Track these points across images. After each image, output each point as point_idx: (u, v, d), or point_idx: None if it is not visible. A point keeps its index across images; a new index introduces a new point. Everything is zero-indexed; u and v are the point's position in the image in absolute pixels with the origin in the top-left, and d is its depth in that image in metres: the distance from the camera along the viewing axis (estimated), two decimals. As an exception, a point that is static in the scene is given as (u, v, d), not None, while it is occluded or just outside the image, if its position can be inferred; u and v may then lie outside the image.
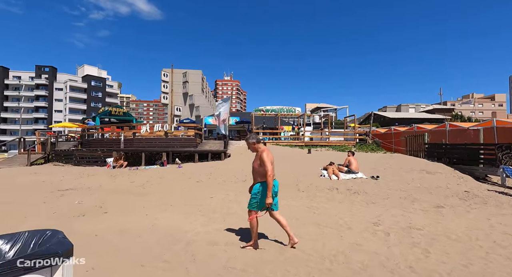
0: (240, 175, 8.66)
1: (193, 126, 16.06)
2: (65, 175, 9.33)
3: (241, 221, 4.43)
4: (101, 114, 20.18)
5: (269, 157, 3.16)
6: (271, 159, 3.19)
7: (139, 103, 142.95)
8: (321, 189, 6.99)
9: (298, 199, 6.10)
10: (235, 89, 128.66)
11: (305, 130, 18.44)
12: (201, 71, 63.09)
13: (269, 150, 3.35)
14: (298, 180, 7.91)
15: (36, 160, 14.45)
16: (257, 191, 3.26)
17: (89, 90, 66.73)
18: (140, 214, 4.70)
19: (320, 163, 10.06)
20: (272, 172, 3.11)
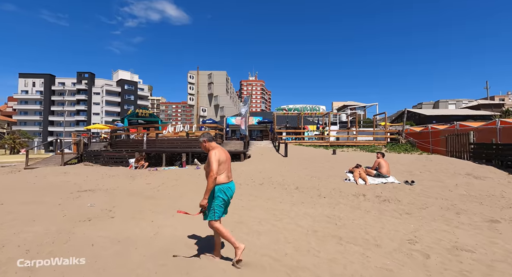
0: (257, 177, 8.19)
1: (214, 126, 15.95)
2: (89, 176, 9.62)
3: (249, 234, 3.96)
4: (129, 115, 21.04)
5: (217, 156, 2.83)
6: (220, 158, 2.84)
7: (168, 105, 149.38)
8: (345, 195, 6.26)
9: (318, 206, 5.47)
10: (260, 89, 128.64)
11: (330, 129, 17.42)
12: (226, 72, 63.79)
13: (222, 149, 3.02)
14: (320, 184, 7.23)
15: (69, 160, 15.35)
16: (210, 196, 2.86)
17: (123, 94, 71.00)
18: (146, 220, 4.45)
19: (346, 165, 9.23)
20: (216, 173, 2.75)
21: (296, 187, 7.02)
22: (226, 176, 2.91)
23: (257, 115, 31.35)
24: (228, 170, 2.97)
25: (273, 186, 7.26)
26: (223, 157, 2.91)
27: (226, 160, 2.96)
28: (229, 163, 3.01)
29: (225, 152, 3.02)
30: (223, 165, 2.88)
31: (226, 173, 2.92)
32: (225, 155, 2.97)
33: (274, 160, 11.17)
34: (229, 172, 2.97)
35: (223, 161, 2.89)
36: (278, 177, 8.10)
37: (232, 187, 2.98)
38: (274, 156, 12.34)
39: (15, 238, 3.49)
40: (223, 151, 2.99)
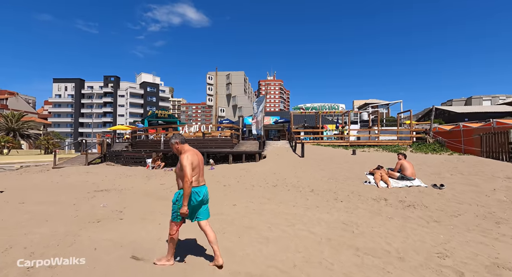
0: (271, 179, 7.90)
1: (230, 126, 15.89)
2: (108, 175, 9.88)
3: (258, 240, 3.70)
4: (149, 116, 21.63)
5: (190, 159, 2.74)
6: (193, 162, 2.76)
7: (188, 105, 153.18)
8: (364, 199, 5.79)
9: (334, 211, 5.08)
10: (278, 88, 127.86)
11: (349, 128, 16.68)
12: (243, 72, 64.02)
13: (195, 152, 2.91)
14: (337, 186, 6.79)
15: (93, 160, 16.03)
16: (175, 199, 2.82)
17: (145, 96, 73.77)
18: (154, 223, 4.35)
19: (366, 167, 8.68)
20: (191, 177, 2.66)
21: (311, 190, 6.65)
22: (196, 180, 2.83)
23: (275, 115, 31.00)
24: (200, 174, 2.90)
25: (287, 188, 6.94)
26: (196, 161, 2.83)
27: (199, 163, 2.88)
28: (201, 167, 2.93)
29: (198, 155, 2.94)
30: (196, 169, 2.81)
31: (196, 177, 2.83)
32: (198, 158, 2.90)
33: (289, 161, 10.81)
34: (200, 176, 2.89)
35: (196, 165, 2.82)
36: (292, 179, 7.77)
37: (202, 192, 2.86)
38: (290, 156, 11.97)
39: (23, 239, 3.51)
40: (195, 154, 2.90)
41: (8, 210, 5.15)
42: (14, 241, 3.42)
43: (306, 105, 17.70)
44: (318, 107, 17.53)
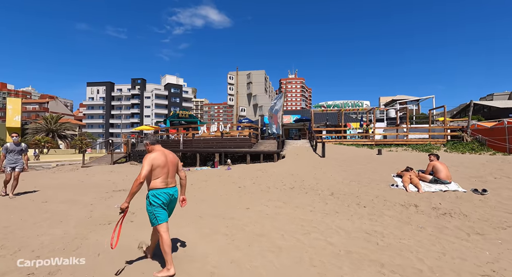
0: (288, 180, 7.52)
1: (249, 125, 15.68)
2: (129, 175, 10.12)
3: (269, 250, 3.39)
4: (170, 117, 22.15)
5: (152, 160, 2.70)
6: (155, 162, 2.72)
7: (211, 105, 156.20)
8: (391, 204, 5.23)
9: (356, 218, 4.61)
10: (300, 86, 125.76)
11: (374, 126, 15.67)
12: (264, 71, 63.70)
13: (163, 153, 2.87)
14: (360, 190, 6.25)
15: (118, 159, 16.70)
16: (148, 203, 2.76)
17: (169, 97, 76.32)
18: (163, 226, 4.21)
19: (393, 168, 7.98)
20: (143, 178, 2.59)
21: (331, 193, 6.18)
22: (163, 182, 2.76)
23: (296, 113, 30.34)
24: (169, 176, 2.83)
25: (304, 190, 6.53)
26: (161, 162, 2.76)
27: (166, 165, 2.81)
28: (170, 168, 2.86)
29: (167, 157, 2.88)
30: (159, 169, 2.74)
31: (163, 178, 2.76)
32: (165, 160, 2.82)
33: (309, 161, 10.32)
34: (169, 178, 2.82)
35: (160, 166, 2.74)
36: (311, 181, 7.33)
37: (170, 192, 2.80)
38: (310, 156, 11.46)
39: (34, 241, 3.53)
40: (163, 155, 2.84)
41: (31, 209, 5.34)
42: (25, 243, 3.44)
43: (327, 103, 16.97)
44: (340, 104, 16.71)
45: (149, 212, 2.74)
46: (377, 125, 18.57)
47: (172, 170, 2.90)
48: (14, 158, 6.48)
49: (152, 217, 2.73)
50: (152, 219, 2.74)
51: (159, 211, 2.73)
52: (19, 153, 6.56)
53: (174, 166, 2.94)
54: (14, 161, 6.47)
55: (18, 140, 6.61)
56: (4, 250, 3.22)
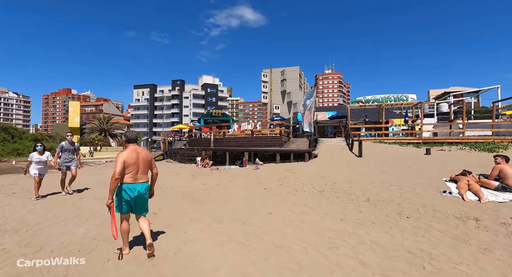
0: (318, 183, 6.91)
1: (280, 123, 15.18)
2: (161, 173, 10.37)
3: (287, 267, 2.96)
4: (204, 116, 22.71)
5: (123, 157, 2.94)
6: (127, 159, 2.96)
7: (245, 104, 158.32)
8: (442, 216, 4.35)
9: (396, 231, 3.90)
10: (337, 82, 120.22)
11: (422, 122, 13.92)
12: (298, 67, 62.12)
13: (135, 150, 3.09)
14: (402, 196, 5.40)
15: (156, 157, 17.60)
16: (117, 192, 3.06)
17: (206, 96, 79.17)
18: (180, 230, 4.06)
19: (445, 171, 6.84)
20: (118, 174, 2.85)
21: (366, 199, 5.45)
22: (131, 177, 3.00)
23: (331, 110, 28.85)
24: (139, 172, 3.05)
25: (336, 195, 5.89)
26: (131, 159, 2.98)
27: (136, 162, 3.01)
28: (141, 165, 3.07)
29: (139, 154, 3.08)
30: (131, 166, 2.98)
31: (133, 175, 3.00)
32: (136, 157, 3.03)
33: (344, 161, 9.48)
34: (138, 174, 3.04)
35: (131, 163, 2.98)
36: (344, 184, 6.61)
37: (137, 188, 3.03)
38: (346, 156, 10.56)
39: (57, 240, 3.63)
40: (135, 152, 3.05)
41: (67, 205, 5.68)
42: (48, 242, 3.54)
43: (366, 98, 15.57)
44: (381, 99, 15.21)
45: (116, 201, 3.07)
46: (426, 121, 16.60)
47: (143, 167, 3.10)
48: (68, 157, 6.69)
49: (116, 207, 3.09)
50: (115, 208, 3.09)
51: (122, 205, 3.06)
52: (72, 152, 6.76)
53: (146, 163, 3.14)
54: (69, 160, 6.69)
55: (72, 139, 6.84)
56: (28, 248, 3.33)
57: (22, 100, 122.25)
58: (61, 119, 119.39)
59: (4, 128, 34.68)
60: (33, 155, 6.26)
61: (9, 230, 4.01)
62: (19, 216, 4.82)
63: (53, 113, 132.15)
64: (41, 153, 6.33)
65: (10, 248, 3.31)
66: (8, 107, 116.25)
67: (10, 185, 9.10)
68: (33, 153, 6.30)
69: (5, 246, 3.40)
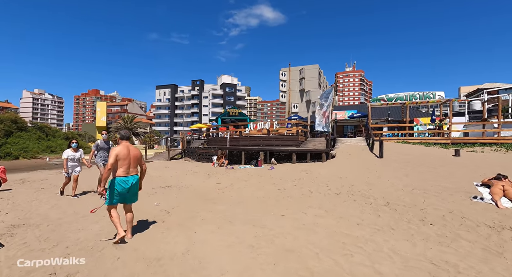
0: (335, 184, 6.64)
1: (297, 122, 14.90)
2: (178, 171, 10.65)
3: (297, 273, 2.83)
4: (221, 115, 22.93)
5: (116, 152, 3.40)
6: (119, 154, 3.41)
7: (264, 103, 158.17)
8: (472, 225, 3.97)
9: (418, 239, 3.60)
10: (358, 80, 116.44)
11: (451, 121, 12.99)
12: (318, 66, 60.84)
13: (127, 147, 3.54)
14: (426, 201, 5.02)
15: (175, 155, 18.03)
16: (108, 186, 3.48)
17: (225, 96, 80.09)
18: (190, 230, 4.05)
19: (477, 174, 6.30)
20: (111, 165, 3.30)
21: (386, 203, 5.13)
22: (124, 171, 3.46)
23: (351, 109, 27.93)
24: (131, 166, 3.53)
25: (353, 197, 5.61)
26: (123, 154, 3.44)
27: (127, 157, 3.48)
28: (132, 160, 3.54)
29: (131, 151, 3.56)
30: (122, 161, 3.43)
31: (125, 168, 3.46)
32: (128, 153, 3.50)
33: (363, 162, 9.07)
34: (130, 168, 3.52)
35: (123, 158, 3.44)
36: (362, 186, 6.29)
37: (129, 181, 3.49)
38: (366, 156, 10.11)
39: (73, 236, 3.76)
40: (127, 148, 3.52)
41: (87, 201, 5.91)
42: (65, 237, 3.68)
43: (388, 96, 14.83)
44: (404, 97, 14.41)
45: (108, 192, 3.46)
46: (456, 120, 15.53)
47: (134, 162, 3.57)
48: (103, 156, 6.51)
49: (107, 197, 3.47)
50: (107, 199, 3.47)
51: (113, 197, 3.45)
52: (107, 151, 6.56)
53: (136, 159, 3.61)
54: (104, 158, 6.50)
55: (107, 138, 6.69)
56: (46, 243, 3.48)
57: (56, 101, 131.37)
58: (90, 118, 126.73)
59: (39, 127, 37.40)
60: (67, 151, 6.30)
61: (32, 224, 4.24)
62: (43, 211, 5.09)
63: (83, 113, 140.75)
64: (75, 150, 6.40)
65: (30, 243, 3.48)
66: (45, 107, 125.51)
67: (40, 181, 9.74)
68: (67, 150, 6.32)
69: (26, 240, 3.57)
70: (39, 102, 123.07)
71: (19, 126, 33.75)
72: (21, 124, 34.44)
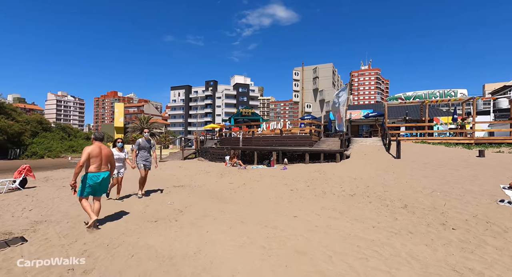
0: (349, 185, 6.46)
1: (310, 122, 14.69)
2: (191, 171, 10.80)
3: (309, 275, 2.76)
4: (234, 115, 23.04)
5: (88, 151, 3.87)
6: (91, 153, 3.88)
7: (277, 103, 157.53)
8: (499, 230, 3.72)
9: (439, 244, 3.42)
10: (374, 78, 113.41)
11: (474, 120, 12.33)
12: (332, 64, 59.78)
13: (99, 146, 4.01)
14: (447, 204, 4.77)
15: (188, 155, 18.32)
16: (81, 180, 3.95)
17: (238, 96, 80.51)
18: (202, 230, 4.08)
19: (503, 176, 5.95)
20: (83, 162, 3.78)
21: (403, 205, 4.93)
22: (96, 167, 3.94)
23: (367, 108, 27.21)
24: (102, 163, 4.01)
25: (368, 199, 5.43)
26: (95, 153, 3.93)
27: (99, 155, 3.96)
28: (103, 158, 4.02)
29: (103, 149, 4.04)
30: (94, 158, 3.91)
31: (96, 165, 3.94)
32: (99, 152, 3.97)
33: (379, 163, 8.79)
34: (101, 165, 3.99)
35: (95, 156, 3.91)
36: (378, 187, 6.09)
37: (101, 176, 3.99)
38: (382, 157, 9.79)
39: (90, 232, 3.87)
40: (99, 148, 4.00)
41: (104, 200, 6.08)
42: (83, 234, 3.80)
43: (406, 94, 14.29)
44: (423, 95, 13.83)
45: (80, 185, 3.91)
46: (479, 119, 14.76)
47: (105, 160, 4.04)
48: (145, 156, 6.11)
49: (79, 189, 3.90)
50: (79, 191, 3.90)
51: (85, 189, 3.89)
52: (148, 150, 6.17)
53: (107, 157, 4.08)
54: (145, 159, 6.11)
55: (148, 136, 6.28)
56: (66, 239, 3.61)
57: (78, 103, 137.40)
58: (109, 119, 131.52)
59: (62, 128, 39.28)
60: (113, 151, 5.51)
61: (53, 221, 4.42)
62: (64, 208, 5.30)
63: (102, 114, 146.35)
64: (121, 150, 5.92)
65: (51, 238, 3.62)
66: (67, 109, 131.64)
67: (62, 179, 10.19)
68: (112, 149, 5.68)
69: (47, 236, 3.73)
70: (62, 104, 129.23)
71: (44, 127, 35.60)
72: (45, 125, 36.32)
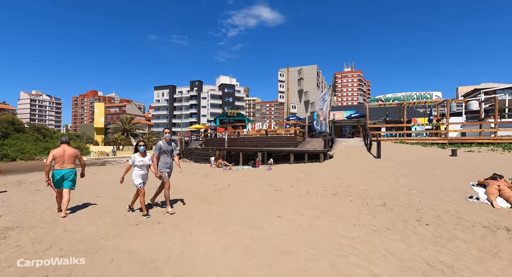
0: (332, 185, 6.63)
1: (295, 123, 14.90)
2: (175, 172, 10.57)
3: (292, 275, 2.82)
4: (220, 116, 22.89)
5: (53, 152, 4.80)
6: (55, 154, 4.79)
7: (262, 104, 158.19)
8: (468, 225, 3.97)
9: (414, 239, 3.60)
10: (357, 80, 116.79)
11: (448, 121, 13.04)
12: (316, 66, 60.90)
13: (63, 148, 4.88)
14: (423, 201, 5.03)
15: (173, 156, 17.97)
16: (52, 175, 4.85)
17: (223, 96, 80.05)
18: (186, 232, 4.03)
19: (473, 174, 6.32)
20: (49, 162, 4.68)
21: (382, 203, 5.13)
22: (59, 166, 4.80)
23: (349, 109, 27.97)
24: (65, 162, 4.83)
25: (349, 198, 5.61)
26: (59, 154, 4.81)
27: (62, 156, 4.83)
28: (66, 158, 4.84)
29: (66, 151, 4.87)
30: (58, 158, 4.79)
31: (60, 164, 4.81)
32: (63, 153, 4.84)
33: (361, 163, 9.08)
34: (63, 163, 4.83)
35: (59, 156, 4.80)
36: (359, 186, 6.30)
37: (62, 173, 4.82)
38: (363, 157, 10.12)
39: (68, 237, 3.73)
40: (62, 150, 4.86)
41: (81, 203, 5.87)
42: (59, 239, 3.65)
43: (386, 96, 14.87)
44: (402, 97, 14.45)
45: (53, 181, 4.82)
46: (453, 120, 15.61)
47: (68, 159, 4.86)
48: (167, 162, 5.20)
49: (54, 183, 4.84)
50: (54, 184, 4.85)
51: (54, 183, 4.83)
52: (170, 155, 5.24)
53: (71, 157, 4.91)
54: (168, 166, 5.23)
55: (169, 138, 5.32)
56: (40, 245, 3.45)
57: (54, 102, 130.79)
58: (89, 119, 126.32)
59: (37, 129, 37.21)
60: (136, 157, 4.84)
61: (26, 226, 4.20)
62: (38, 212, 5.05)
63: (81, 114, 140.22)
64: (144, 155, 4.92)
65: (24, 245, 3.44)
66: (42, 108, 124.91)
67: (36, 182, 9.67)
68: (135, 154, 4.88)
69: (20, 242, 3.54)
70: (36, 104, 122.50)
71: (16, 128, 33.56)
72: (18, 125, 34.25)
